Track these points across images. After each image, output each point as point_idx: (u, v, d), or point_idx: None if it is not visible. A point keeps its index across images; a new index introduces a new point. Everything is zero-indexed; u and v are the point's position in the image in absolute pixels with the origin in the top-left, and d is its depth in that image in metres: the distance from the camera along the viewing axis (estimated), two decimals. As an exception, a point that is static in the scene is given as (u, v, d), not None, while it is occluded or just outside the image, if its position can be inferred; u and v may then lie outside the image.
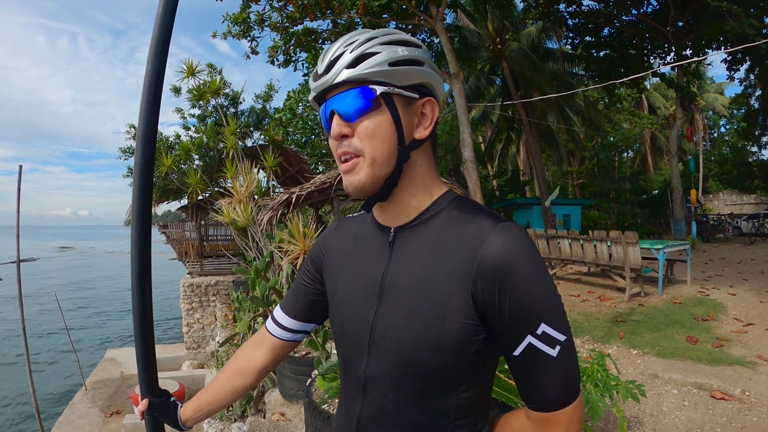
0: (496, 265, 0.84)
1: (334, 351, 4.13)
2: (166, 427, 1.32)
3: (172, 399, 1.29)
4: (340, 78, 0.89)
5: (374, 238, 1.04)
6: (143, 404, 1.27)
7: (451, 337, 0.87)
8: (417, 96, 0.94)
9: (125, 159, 18.35)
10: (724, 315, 6.74)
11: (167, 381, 8.75)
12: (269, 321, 1.25)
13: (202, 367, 11.34)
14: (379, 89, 0.89)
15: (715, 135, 40.60)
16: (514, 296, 0.84)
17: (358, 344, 0.99)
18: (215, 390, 1.26)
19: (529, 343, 0.85)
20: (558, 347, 0.85)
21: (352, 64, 0.89)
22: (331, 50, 0.92)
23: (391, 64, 0.89)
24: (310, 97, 0.98)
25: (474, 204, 0.97)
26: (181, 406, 1.27)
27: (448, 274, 0.88)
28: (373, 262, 1.01)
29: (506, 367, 2.84)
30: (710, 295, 7.90)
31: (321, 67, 0.92)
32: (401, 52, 0.91)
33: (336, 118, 0.91)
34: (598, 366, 2.75)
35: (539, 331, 0.84)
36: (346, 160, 0.93)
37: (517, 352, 0.86)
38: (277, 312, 1.23)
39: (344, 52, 0.90)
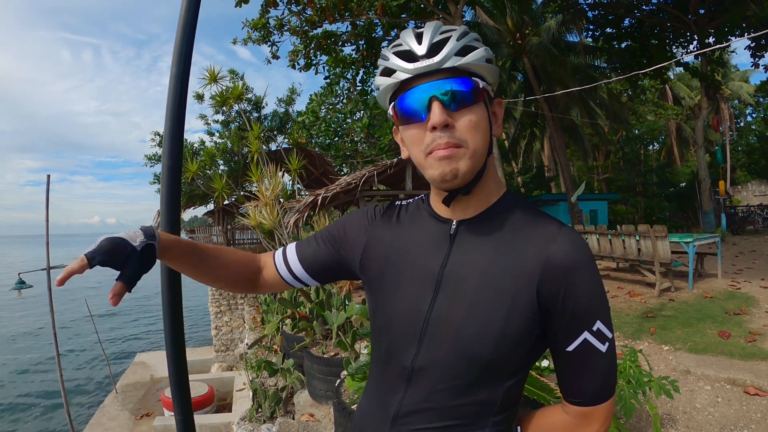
0: (563, 266, 0.89)
1: (363, 351, 4.15)
2: None
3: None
4: (450, 63, 0.87)
5: (431, 230, 1.03)
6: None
7: (513, 331, 0.90)
8: (493, 95, 0.97)
9: (151, 166, 18.69)
10: (757, 309, 6.61)
11: (196, 383, 8.88)
12: (278, 255, 1.22)
13: (231, 369, 11.47)
14: (481, 82, 0.90)
15: (742, 124, 39.78)
16: (578, 294, 0.89)
17: (408, 334, 0.98)
18: (208, 249, 1.14)
19: (585, 339, 0.90)
20: (607, 343, 0.91)
21: (462, 53, 0.88)
22: (427, 34, 0.89)
23: (487, 60, 0.91)
24: (390, 81, 0.92)
25: (534, 207, 1.02)
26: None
27: (513, 269, 0.91)
28: (430, 254, 1.00)
29: (538, 364, 2.84)
30: (742, 289, 7.74)
31: (419, 48, 0.88)
32: (489, 52, 0.92)
33: (439, 106, 0.87)
34: (631, 362, 2.72)
35: (595, 328, 0.90)
36: (445, 148, 0.88)
37: (571, 348, 0.91)
38: (291, 252, 1.21)
39: (449, 38, 0.89)
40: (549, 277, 0.89)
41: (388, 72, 0.92)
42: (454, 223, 1.00)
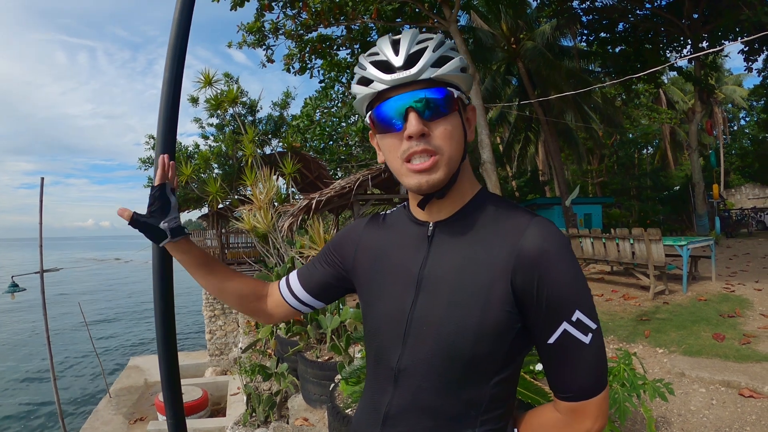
0: (535, 255, 0.89)
1: (358, 355, 4.14)
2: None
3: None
4: (427, 75, 0.90)
5: (411, 233, 1.06)
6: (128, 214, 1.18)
7: (491, 324, 0.91)
8: (468, 102, 1.02)
9: (145, 170, 18.63)
10: (751, 311, 6.62)
11: (190, 388, 8.83)
12: (282, 283, 1.27)
13: (225, 374, 11.42)
14: (456, 93, 0.93)
15: (735, 128, 39.98)
16: (552, 285, 0.88)
17: (393, 336, 1.01)
18: (220, 264, 1.28)
19: (565, 330, 0.89)
20: (590, 334, 0.89)
21: (438, 64, 0.91)
22: (403, 44, 0.92)
23: (462, 70, 0.94)
24: (367, 91, 0.95)
25: (507, 200, 1.03)
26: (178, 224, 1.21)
27: (488, 264, 0.93)
28: (410, 256, 1.03)
29: (531, 368, 2.83)
30: (736, 291, 7.76)
31: (396, 59, 0.91)
32: (464, 61, 0.95)
33: (415, 116, 0.90)
34: (625, 365, 2.72)
35: (574, 318, 0.89)
36: (422, 159, 0.92)
37: (552, 340, 0.90)
38: (293, 277, 1.26)
39: (424, 49, 0.91)
40: (522, 268, 0.89)
41: (366, 81, 0.95)
42: (431, 225, 1.03)
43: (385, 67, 0.92)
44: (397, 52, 0.91)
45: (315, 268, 1.23)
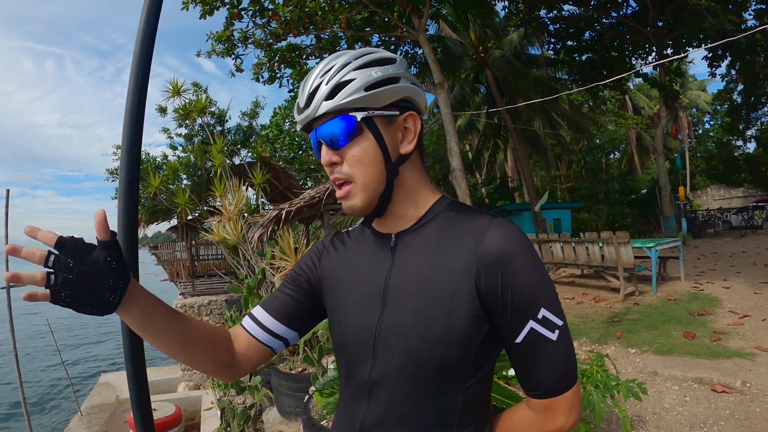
0: (497, 256, 0.89)
1: (331, 366, 4.09)
2: None
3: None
4: (321, 111, 0.93)
5: (374, 247, 1.07)
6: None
7: (458, 329, 0.90)
8: (397, 113, 0.97)
9: (113, 181, 18.32)
10: (720, 309, 6.75)
11: (163, 404, 8.64)
12: (246, 319, 1.13)
13: (199, 388, 11.20)
14: (359, 115, 0.93)
15: (700, 132, 40.96)
16: (515, 284, 0.88)
17: (362, 349, 1.00)
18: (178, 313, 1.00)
19: (531, 328, 0.89)
20: (557, 331, 0.90)
21: (330, 96, 0.92)
22: (309, 82, 0.95)
23: (366, 89, 0.92)
24: (298, 129, 1.01)
25: (467, 206, 1.03)
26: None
27: (451, 268, 0.92)
28: (375, 269, 1.03)
29: (504, 373, 2.81)
30: (705, 290, 7.91)
31: (302, 100, 0.96)
32: (375, 74, 0.93)
33: (324, 147, 0.96)
34: (597, 367, 2.72)
35: (540, 316, 0.89)
36: (340, 186, 0.97)
37: (519, 339, 0.90)
38: (257, 311, 1.13)
39: (321, 83, 0.93)
40: (485, 270, 0.89)
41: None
42: (393, 236, 1.04)
43: (297, 107, 0.99)
44: (304, 89, 0.96)
45: (282, 294, 1.14)
